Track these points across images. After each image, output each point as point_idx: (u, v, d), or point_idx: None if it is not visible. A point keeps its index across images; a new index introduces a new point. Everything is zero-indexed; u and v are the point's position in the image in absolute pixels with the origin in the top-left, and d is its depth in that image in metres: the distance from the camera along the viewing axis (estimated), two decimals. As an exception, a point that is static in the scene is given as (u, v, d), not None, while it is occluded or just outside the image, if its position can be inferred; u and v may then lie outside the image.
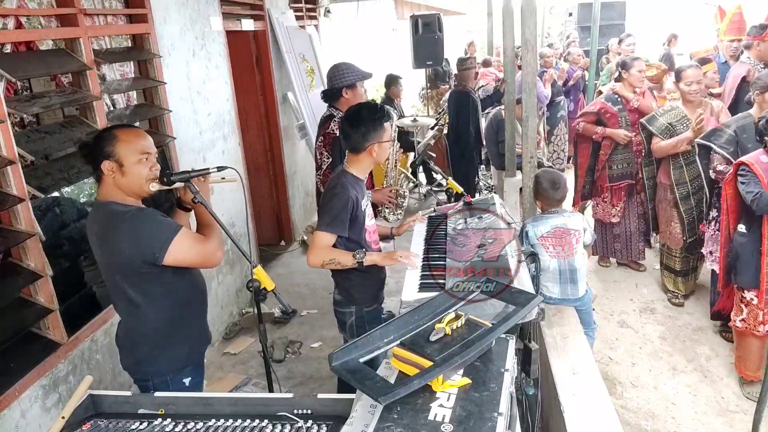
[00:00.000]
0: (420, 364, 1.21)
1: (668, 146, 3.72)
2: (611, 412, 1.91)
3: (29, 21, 2.44)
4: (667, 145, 3.72)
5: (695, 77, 3.68)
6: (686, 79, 3.70)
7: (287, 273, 4.99)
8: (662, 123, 3.79)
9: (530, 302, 1.44)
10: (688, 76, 3.69)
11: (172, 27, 3.41)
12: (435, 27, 6.48)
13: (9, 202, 2.14)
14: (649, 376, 3.25)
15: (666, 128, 3.76)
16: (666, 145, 3.73)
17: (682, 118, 3.74)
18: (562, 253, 2.66)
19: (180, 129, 3.45)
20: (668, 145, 3.71)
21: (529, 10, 2.81)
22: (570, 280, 2.68)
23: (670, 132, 3.73)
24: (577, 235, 2.65)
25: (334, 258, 2.24)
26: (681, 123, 3.73)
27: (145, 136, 1.90)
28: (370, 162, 2.34)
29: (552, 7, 11.85)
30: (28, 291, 2.27)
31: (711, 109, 3.84)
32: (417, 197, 6.86)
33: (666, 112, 3.84)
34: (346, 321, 2.45)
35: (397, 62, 8.93)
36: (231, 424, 1.45)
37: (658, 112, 3.88)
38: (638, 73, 4.18)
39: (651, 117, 3.89)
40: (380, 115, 2.28)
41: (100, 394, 1.58)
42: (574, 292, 2.69)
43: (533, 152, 2.94)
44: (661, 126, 3.79)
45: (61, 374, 2.37)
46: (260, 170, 5.36)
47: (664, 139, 3.75)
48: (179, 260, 1.87)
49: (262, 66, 5.17)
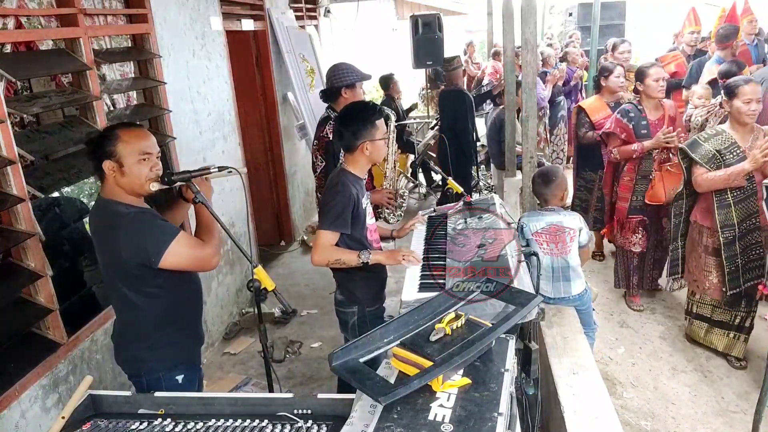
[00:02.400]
0: (420, 364, 1.21)
1: (719, 179, 3.01)
2: (611, 412, 1.91)
3: (29, 21, 2.44)
4: (718, 178, 3.01)
5: (754, 93, 3.00)
6: (744, 95, 3.00)
7: (287, 273, 4.99)
8: (708, 150, 3.07)
9: (530, 302, 1.44)
10: (746, 93, 2.99)
11: (172, 27, 3.41)
12: (435, 27, 6.47)
13: (9, 202, 2.14)
14: (649, 376, 3.25)
15: (713, 157, 3.05)
16: (716, 178, 3.01)
17: (731, 145, 3.06)
18: (556, 250, 2.66)
19: (180, 129, 3.45)
20: (719, 178, 3.00)
21: (529, 10, 2.81)
22: (563, 278, 2.67)
23: (718, 162, 3.04)
24: (572, 233, 2.65)
25: (339, 258, 2.24)
26: (730, 151, 3.05)
27: (148, 136, 1.91)
28: (365, 161, 2.33)
29: (552, 7, 11.86)
30: (28, 291, 2.27)
31: None
32: (417, 197, 6.86)
33: (711, 137, 3.12)
34: (348, 321, 2.45)
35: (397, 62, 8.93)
36: (231, 424, 1.45)
37: (701, 136, 3.18)
38: (655, 82, 3.64)
39: (693, 142, 3.17)
40: (371, 113, 2.28)
41: (100, 394, 1.59)
42: (567, 291, 2.69)
43: (533, 152, 2.94)
44: (706, 154, 3.07)
45: (61, 374, 2.37)
46: (260, 170, 5.36)
47: (710, 169, 3.05)
48: (175, 264, 1.89)
49: (262, 66, 5.17)
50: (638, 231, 3.81)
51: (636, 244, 3.84)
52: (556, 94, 6.47)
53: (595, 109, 4.28)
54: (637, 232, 3.81)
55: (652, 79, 3.63)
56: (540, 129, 5.99)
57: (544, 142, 6.31)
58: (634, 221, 3.80)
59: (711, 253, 3.20)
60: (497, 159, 5.34)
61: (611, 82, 4.21)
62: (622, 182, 3.84)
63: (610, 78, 4.22)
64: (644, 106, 3.73)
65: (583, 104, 4.45)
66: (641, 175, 3.73)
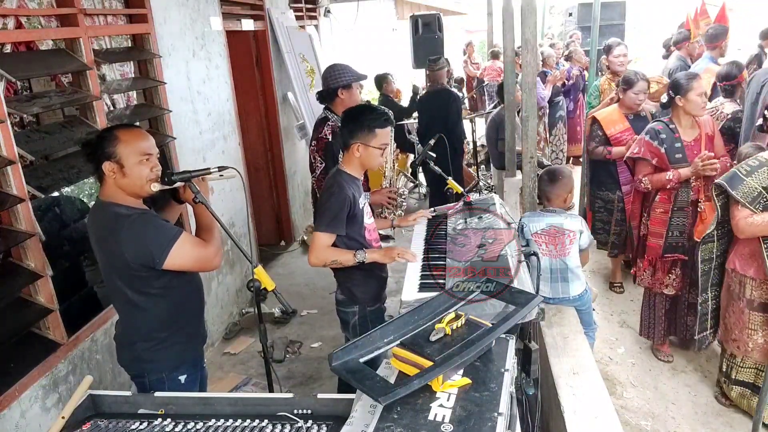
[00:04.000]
0: (420, 364, 1.21)
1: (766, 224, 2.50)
2: (611, 412, 1.91)
3: (29, 21, 2.44)
4: (765, 224, 2.51)
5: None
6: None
7: (287, 273, 4.99)
8: (752, 187, 2.55)
9: (530, 302, 1.44)
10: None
11: (172, 27, 3.41)
12: (435, 27, 6.49)
13: (9, 202, 2.14)
14: (649, 376, 3.24)
15: (759, 195, 2.53)
16: (764, 223, 2.51)
17: None
18: (554, 251, 2.65)
19: (180, 129, 3.45)
20: (766, 223, 2.51)
21: (529, 10, 2.81)
22: (561, 279, 2.67)
23: (765, 201, 2.53)
24: (571, 236, 2.64)
25: (335, 258, 2.25)
26: None
27: (147, 137, 1.91)
28: (358, 162, 2.32)
29: (552, 7, 11.86)
30: (28, 291, 2.27)
31: None
32: (417, 197, 6.86)
33: (754, 170, 2.56)
34: (349, 321, 2.46)
35: (397, 62, 8.94)
36: (231, 424, 1.45)
37: (741, 168, 2.60)
38: (699, 97, 3.04)
39: (732, 176, 2.61)
40: (374, 118, 2.26)
41: (100, 394, 1.59)
42: (565, 292, 2.69)
43: (533, 152, 2.94)
44: (750, 192, 2.54)
45: (61, 374, 2.37)
46: (260, 170, 5.37)
47: (756, 211, 2.53)
48: (178, 265, 1.89)
49: (262, 66, 5.17)
50: (673, 271, 3.22)
51: (669, 286, 3.24)
52: (555, 94, 6.48)
53: (611, 121, 3.78)
54: (672, 272, 3.22)
55: (695, 94, 3.02)
56: (540, 129, 5.99)
57: (543, 142, 6.31)
58: (669, 260, 3.21)
59: (757, 308, 2.67)
60: (496, 159, 5.34)
61: (628, 98, 3.71)
62: (655, 215, 3.22)
63: (628, 93, 3.71)
64: (678, 124, 3.11)
65: (598, 115, 3.90)
66: (678, 207, 3.12)
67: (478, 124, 6.78)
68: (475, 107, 9.23)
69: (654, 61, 7.23)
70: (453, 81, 8.30)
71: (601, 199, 4.06)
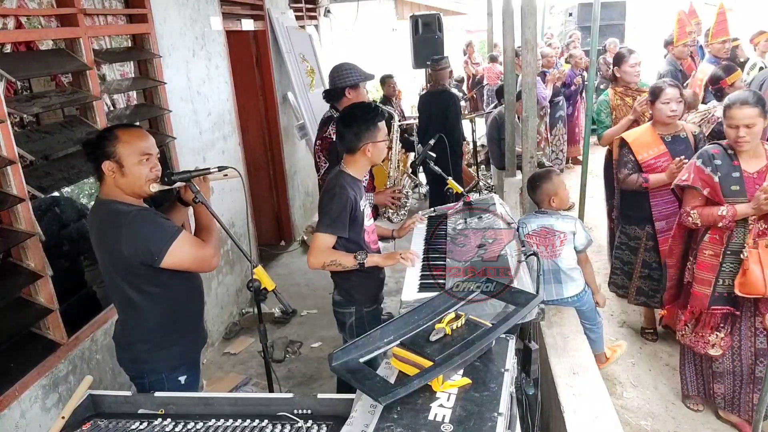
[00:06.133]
0: (420, 364, 1.21)
1: None
2: (611, 412, 1.91)
3: (29, 21, 2.44)
4: None
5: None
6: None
7: (287, 273, 4.99)
8: None
9: (530, 302, 1.44)
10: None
11: (172, 27, 3.41)
12: (435, 27, 6.48)
13: (9, 202, 2.14)
14: (649, 376, 3.24)
15: None
16: None
17: None
18: (546, 252, 2.64)
19: (180, 129, 3.45)
20: None
21: (529, 10, 2.82)
22: (554, 280, 2.66)
23: None
24: (562, 237, 2.63)
25: (335, 260, 2.24)
26: None
27: (147, 137, 1.91)
28: (366, 162, 2.33)
29: (552, 7, 11.86)
30: (28, 291, 2.27)
31: None
32: (417, 197, 6.86)
33: None
34: (345, 321, 2.45)
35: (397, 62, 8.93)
36: (231, 424, 1.45)
37: None
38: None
39: None
40: (373, 115, 2.27)
41: (100, 394, 1.59)
42: (559, 293, 2.68)
43: (533, 152, 2.94)
44: None
45: (61, 374, 2.37)
46: (260, 170, 5.37)
47: None
48: (176, 264, 1.89)
49: (262, 66, 5.17)
50: (721, 329, 2.62)
51: (716, 346, 2.63)
52: (555, 94, 6.48)
53: (643, 144, 3.11)
54: (720, 329, 2.62)
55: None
56: (540, 128, 5.99)
57: (544, 142, 6.31)
58: (718, 315, 2.60)
59: None
60: (497, 158, 5.34)
61: (658, 112, 3.03)
62: (702, 257, 2.62)
63: (656, 105, 3.04)
64: (738, 150, 2.51)
65: (627, 136, 3.20)
66: (731, 250, 2.52)
67: (478, 124, 6.78)
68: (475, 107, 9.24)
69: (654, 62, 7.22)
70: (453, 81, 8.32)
71: (626, 234, 3.39)
